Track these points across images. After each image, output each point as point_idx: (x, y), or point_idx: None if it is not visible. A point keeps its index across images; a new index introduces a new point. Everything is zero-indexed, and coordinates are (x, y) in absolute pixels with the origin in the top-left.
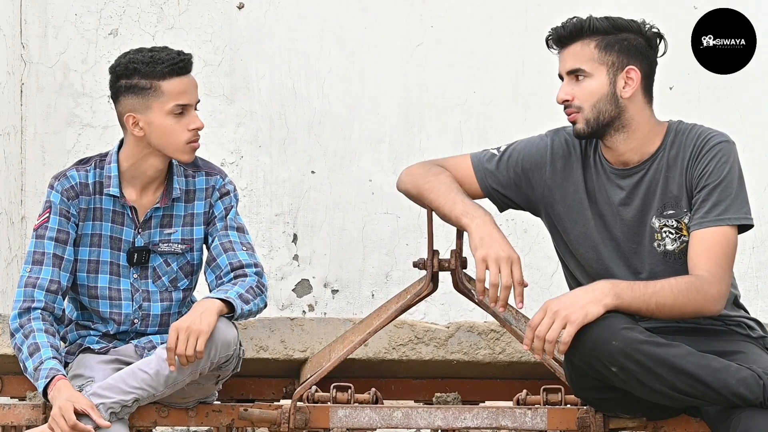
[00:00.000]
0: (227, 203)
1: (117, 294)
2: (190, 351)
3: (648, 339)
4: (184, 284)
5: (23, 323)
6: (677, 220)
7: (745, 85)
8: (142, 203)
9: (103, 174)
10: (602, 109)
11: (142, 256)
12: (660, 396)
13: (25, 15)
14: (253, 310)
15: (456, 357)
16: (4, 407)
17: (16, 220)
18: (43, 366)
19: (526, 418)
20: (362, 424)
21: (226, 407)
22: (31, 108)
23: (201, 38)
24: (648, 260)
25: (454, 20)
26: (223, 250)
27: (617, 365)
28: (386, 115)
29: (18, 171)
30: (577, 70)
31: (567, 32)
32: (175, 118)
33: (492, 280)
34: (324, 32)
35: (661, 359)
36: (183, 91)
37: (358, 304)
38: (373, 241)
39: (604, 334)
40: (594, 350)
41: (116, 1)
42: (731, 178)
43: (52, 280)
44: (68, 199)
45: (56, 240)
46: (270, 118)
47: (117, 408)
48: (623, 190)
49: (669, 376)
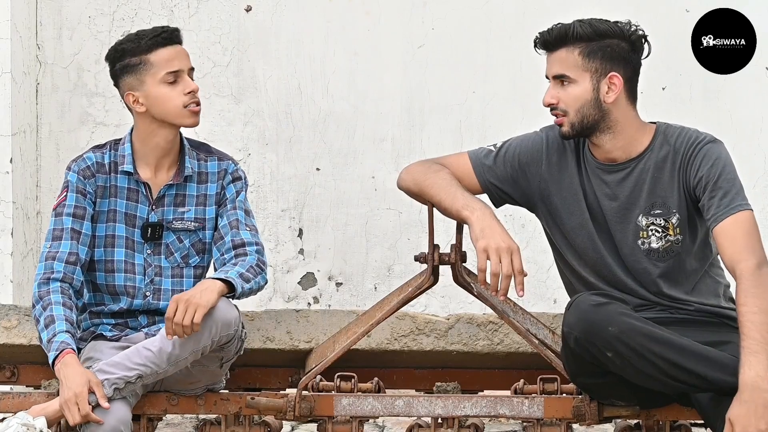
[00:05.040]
0: (239, 187)
1: (132, 267)
2: (187, 321)
3: (644, 326)
4: (195, 261)
5: (42, 294)
6: (665, 219)
7: (737, 86)
8: (156, 181)
9: (118, 154)
10: (586, 114)
11: (156, 232)
12: (653, 381)
13: (41, 17)
14: (254, 288)
15: (456, 348)
16: (19, 395)
17: (31, 215)
18: (55, 339)
19: (524, 407)
20: (365, 413)
21: (234, 396)
22: (46, 107)
23: (210, 40)
24: (630, 255)
25: (454, 23)
26: (230, 228)
27: (613, 350)
28: (389, 114)
29: (33, 168)
30: (562, 76)
31: (552, 38)
32: (169, 86)
33: (493, 270)
34: (329, 34)
35: (656, 346)
36: (171, 59)
37: (362, 296)
38: (375, 236)
39: (602, 320)
40: (591, 335)
41: (128, 3)
42: (729, 171)
43: (71, 252)
44: (84, 178)
45: (74, 216)
46: (276, 117)
47: (121, 384)
48: (608, 185)
49: (663, 362)
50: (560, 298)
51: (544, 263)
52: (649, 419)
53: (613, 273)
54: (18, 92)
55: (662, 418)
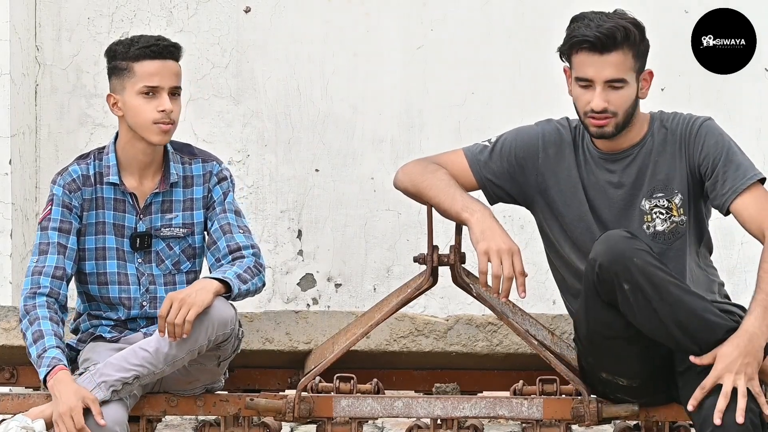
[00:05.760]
0: (225, 188)
1: (125, 279)
2: (179, 320)
3: (667, 272)
4: (187, 267)
5: (29, 308)
6: (668, 200)
7: (736, 87)
8: (141, 190)
9: (102, 165)
10: (629, 112)
11: (145, 241)
12: (659, 327)
13: (40, 19)
14: (251, 289)
15: (455, 349)
16: (19, 397)
17: (30, 216)
18: (46, 354)
19: (523, 408)
20: (364, 414)
21: (233, 397)
22: (45, 108)
23: (209, 41)
24: None
25: (453, 24)
26: (222, 233)
27: (632, 282)
28: (388, 115)
29: (32, 169)
30: (619, 80)
31: (608, 40)
32: (144, 98)
33: (494, 272)
34: (328, 35)
35: (673, 290)
36: (153, 74)
37: (361, 297)
38: (374, 237)
39: (630, 251)
40: (615, 263)
41: (127, 5)
42: (730, 145)
43: (57, 266)
44: (70, 192)
45: (59, 230)
46: (275, 118)
47: (118, 386)
48: (614, 173)
49: (676, 306)
50: (559, 300)
51: (543, 264)
52: (648, 420)
53: None
54: (17, 93)
55: (661, 419)
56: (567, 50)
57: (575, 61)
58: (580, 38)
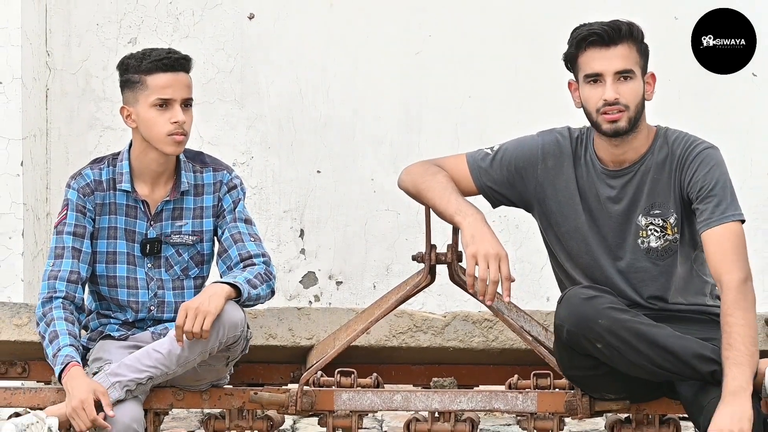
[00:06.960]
0: (235, 197)
1: (134, 283)
2: (196, 329)
3: (632, 318)
4: (195, 273)
5: (46, 312)
6: (663, 219)
7: (726, 89)
8: (153, 197)
9: (116, 171)
10: (639, 109)
11: (155, 247)
12: (641, 370)
13: (50, 25)
14: (260, 295)
15: (452, 344)
16: (30, 390)
17: (41, 216)
18: (60, 353)
19: (518, 401)
20: (364, 407)
21: (238, 391)
22: (56, 112)
23: (214, 46)
24: (630, 254)
25: (450, 29)
26: (233, 242)
27: (603, 342)
28: (387, 118)
29: (43, 171)
30: (627, 71)
31: (615, 32)
32: (158, 111)
33: (481, 275)
34: (329, 41)
35: (644, 336)
36: (166, 86)
37: (361, 294)
38: (374, 236)
39: (592, 313)
40: (582, 328)
41: (135, 12)
42: (724, 179)
43: (72, 270)
44: (84, 196)
45: (74, 234)
46: (279, 122)
47: (132, 386)
48: (614, 188)
49: (650, 351)
50: (553, 296)
51: (538, 262)
52: (639, 413)
53: (606, 276)
54: (28, 98)
55: (651, 412)
56: (574, 51)
57: (582, 60)
58: (586, 33)
